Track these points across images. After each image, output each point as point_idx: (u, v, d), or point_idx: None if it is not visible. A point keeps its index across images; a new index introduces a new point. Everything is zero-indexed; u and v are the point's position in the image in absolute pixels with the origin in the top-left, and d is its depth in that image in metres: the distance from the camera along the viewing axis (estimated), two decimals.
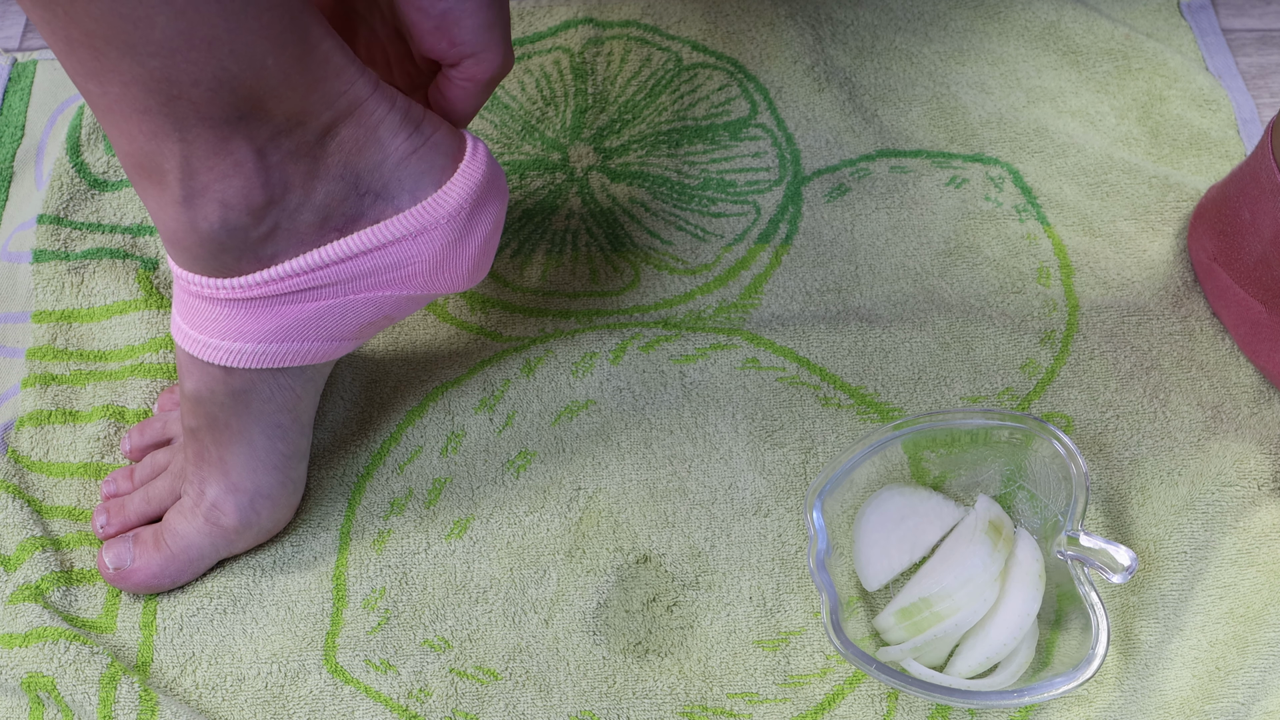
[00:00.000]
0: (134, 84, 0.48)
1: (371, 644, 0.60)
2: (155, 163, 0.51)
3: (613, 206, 0.75)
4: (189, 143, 0.50)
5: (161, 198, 0.52)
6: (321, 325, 0.57)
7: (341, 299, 0.56)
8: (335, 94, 0.52)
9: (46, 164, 0.76)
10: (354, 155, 0.54)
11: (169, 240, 0.54)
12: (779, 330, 0.69)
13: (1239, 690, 0.58)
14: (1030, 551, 0.59)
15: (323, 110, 0.52)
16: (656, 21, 0.82)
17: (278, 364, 0.57)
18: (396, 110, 0.54)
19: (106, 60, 0.47)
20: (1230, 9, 0.85)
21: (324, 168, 0.53)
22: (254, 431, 0.59)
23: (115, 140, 0.51)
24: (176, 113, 0.49)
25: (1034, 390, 0.67)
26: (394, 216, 0.55)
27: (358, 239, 0.55)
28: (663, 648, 0.60)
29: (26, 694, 0.58)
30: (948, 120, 0.78)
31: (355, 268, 0.56)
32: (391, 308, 0.58)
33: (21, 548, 0.62)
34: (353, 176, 0.54)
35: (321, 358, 0.58)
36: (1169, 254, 0.72)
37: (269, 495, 0.60)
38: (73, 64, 0.48)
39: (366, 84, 0.53)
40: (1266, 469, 0.64)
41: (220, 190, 0.51)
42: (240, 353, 0.56)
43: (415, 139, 0.55)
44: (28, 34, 0.85)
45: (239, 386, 0.58)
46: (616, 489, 0.64)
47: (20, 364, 0.69)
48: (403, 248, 0.56)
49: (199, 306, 0.56)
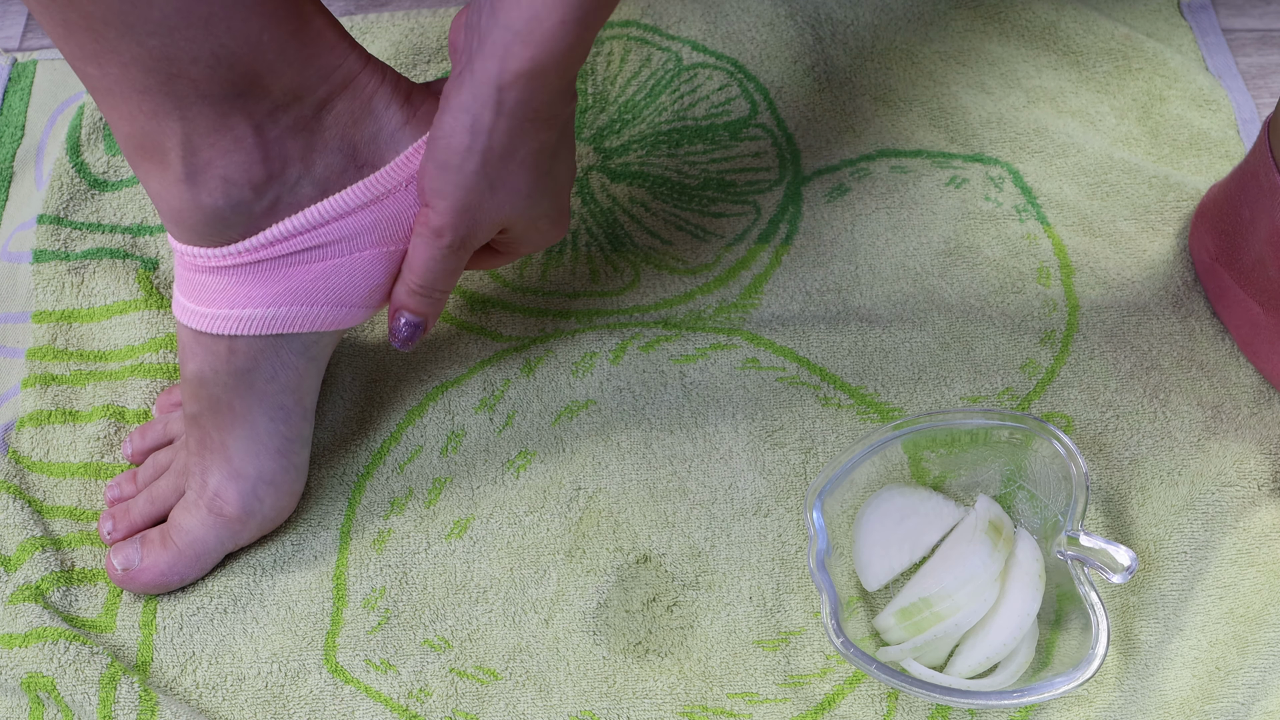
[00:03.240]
0: (133, 64, 0.49)
1: (372, 644, 0.60)
2: (156, 142, 0.52)
3: (613, 206, 0.75)
4: (189, 120, 0.51)
5: (164, 176, 0.53)
6: (330, 287, 0.57)
7: (347, 257, 0.57)
8: (330, 68, 0.53)
9: (46, 164, 0.76)
10: (350, 128, 0.55)
11: (172, 219, 0.55)
12: (779, 330, 0.69)
13: (1239, 690, 0.58)
14: (1030, 551, 0.59)
15: (318, 85, 0.53)
16: (656, 21, 0.82)
17: (287, 329, 0.57)
18: (388, 83, 0.55)
19: (105, 41, 0.48)
20: (1230, 9, 0.85)
21: (321, 141, 0.54)
22: (256, 413, 0.59)
23: (115, 122, 0.52)
24: (176, 91, 0.50)
25: (1034, 390, 0.67)
26: (385, 168, 0.56)
27: (352, 193, 0.56)
28: (663, 648, 0.60)
29: (26, 694, 0.58)
30: (948, 120, 0.78)
31: (356, 223, 0.56)
32: (397, 267, 0.59)
33: (22, 548, 0.62)
34: (350, 149, 0.55)
35: (331, 324, 0.58)
36: (1169, 254, 0.72)
37: (271, 481, 0.60)
38: (71, 48, 0.49)
39: (358, 58, 0.54)
40: (1266, 469, 0.64)
41: (222, 166, 0.52)
42: (249, 319, 0.57)
43: (406, 110, 0.56)
44: (28, 34, 0.85)
45: (242, 365, 0.58)
46: (616, 489, 0.64)
47: (20, 364, 0.69)
48: (398, 199, 0.57)
49: (204, 280, 0.56)
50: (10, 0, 0.87)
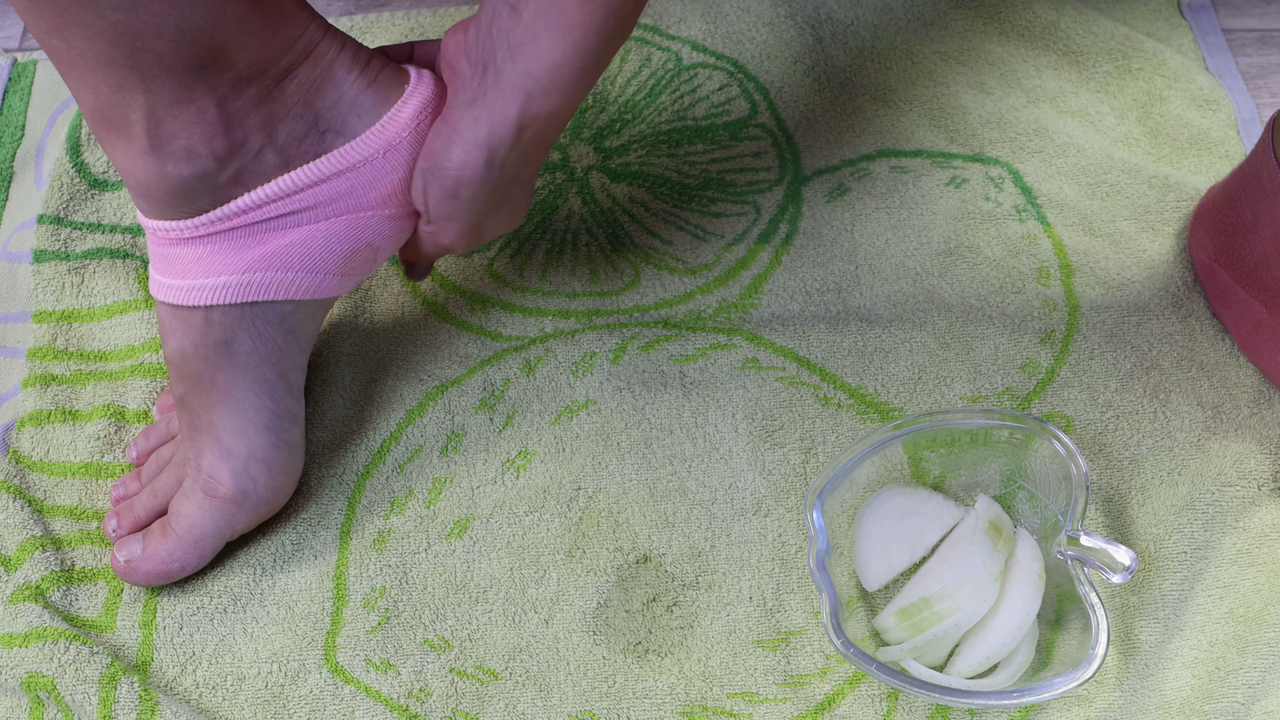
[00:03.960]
0: (98, 37, 0.49)
1: (372, 644, 0.60)
2: (121, 114, 0.52)
3: (613, 206, 0.75)
4: (153, 93, 0.52)
5: (129, 149, 0.54)
6: (305, 253, 0.58)
7: (323, 223, 0.58)
8: (291, 39, 0.54)
9: (46, 164, 0.76)
10: (312, 95, 0.56)
11: (139, 192, 0.56)
12: (779, 330, 0.69)
13: (1239, 690, 0.58)
14: (1030, 551, 0.59)
15: (281, 56, 0.54)
16: (656, 21, 0.82)
17: (262, 295, 0.58)
18: (347, 50, 0.57)
19: (70, 15, 0.49)
20: (1230, 9, 0.85)
21: (284, 109, 0.55)
22: (240, 388, 0.60)
23: (80, 95, 0.53)
24: (140, 64, 0.50)
25: (1034, 390, 0.67)
26: (359, 138, 0.57)
27: (325, 162, 0.57)
28: (663, 648, 0.60)
29: (26, 694, 0.58)
30: (948, 120, 0.78)
31: (329, 190, 0.57)
32: (374, 233, 0.59)
33: (22, 548, 0.62)
34: (312, 115, 0.56)
35: (309, 292, 0.59)
36: (1169, 254, 0.72)
37: (263, 459, 0.61)
38: (36, 21, 0.50)
39: (318, 28, 0.55)
40: (1266, 469, 0.64)
41: (185, 138, 0.53)
42: (224, 287, 0.57)
43: (366, 75, 0.57)
44: (27, 34, 0.85)
45: (219, 337, 0.58)
46: (616, 489, 0.64)
47: (20, 364, 0.69)
48: (374, 166, 0.58)
49: (176, 253, 0.57)
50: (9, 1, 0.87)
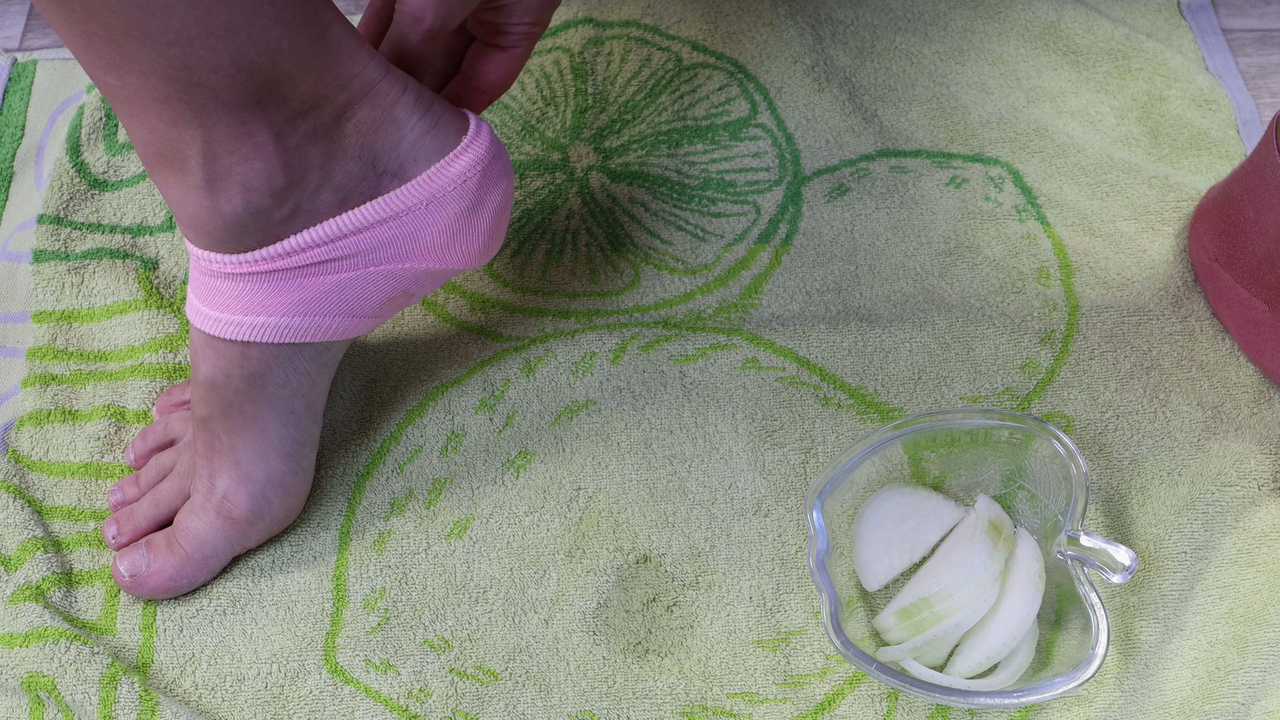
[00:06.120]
0: (153, 73, 0.49)
1: (371, 644, 0.60)
2: (176, 150, 0.52)
3: (613, 206, 0.75)
4: (209, 128, 0.51)
5: (183, 184, 0.53)
6: (344, 299, 0.58)
7: (362, 271, 0.57)
8: (349, 76, 0.53)
9: (46, 164, 0.76)
10: (371, 136, 0.55)
11: (190, 226, 0.55)
12: (779, 330, 0.69)
13: (1239, 690, 0.58)
14: (1030, 551, 0.59)
15: (337, 93, 0.53)
16: (656, 21, 0.82)
17: (300, 338, 0.58)
18: (409, 92, 0.56)
19: (125, 52, 0.48)
20: (1230, 9, 0.85)
21: (342, 149, 0.55)
22: (268, 418, 0.59)
23: (134, 131, 0.52)
24: (196, 99, 0.50)
25: (1034, 390, 0.67)
26: (405, 185, 0.57)
27: (372, 208, 0.56)
28: (663, 648, 0.60)
29: (27, 694, 0.58)
30: (948, 120, 0.78)
31: (373, 238, 0.57)
32: (411, 282, 0.59)
33: (22, 548, 0.62)
34: (370, 157, 0.55)
35: (342, 334, 0.59)
36: (1169, 254, 0.72)
37: (281, 484, 0.61)
38: (90, 58, 0.49)
39: (378, 67, 0.55)
40: (1266, 469, 0.64)
41: (242, 174, 0.53)
42: (263, 327, 0.57)
43: (428, 119, 0.56)
44: (28, 34, 0.85)
45: (254, 370, 0.58)
46: (616, 489, 0.64)
47: (20, 364, 0.69)
48: (416, 217, 0.57)
49: (219, 285, 0.57)
50: (10, 0, 0.87)
